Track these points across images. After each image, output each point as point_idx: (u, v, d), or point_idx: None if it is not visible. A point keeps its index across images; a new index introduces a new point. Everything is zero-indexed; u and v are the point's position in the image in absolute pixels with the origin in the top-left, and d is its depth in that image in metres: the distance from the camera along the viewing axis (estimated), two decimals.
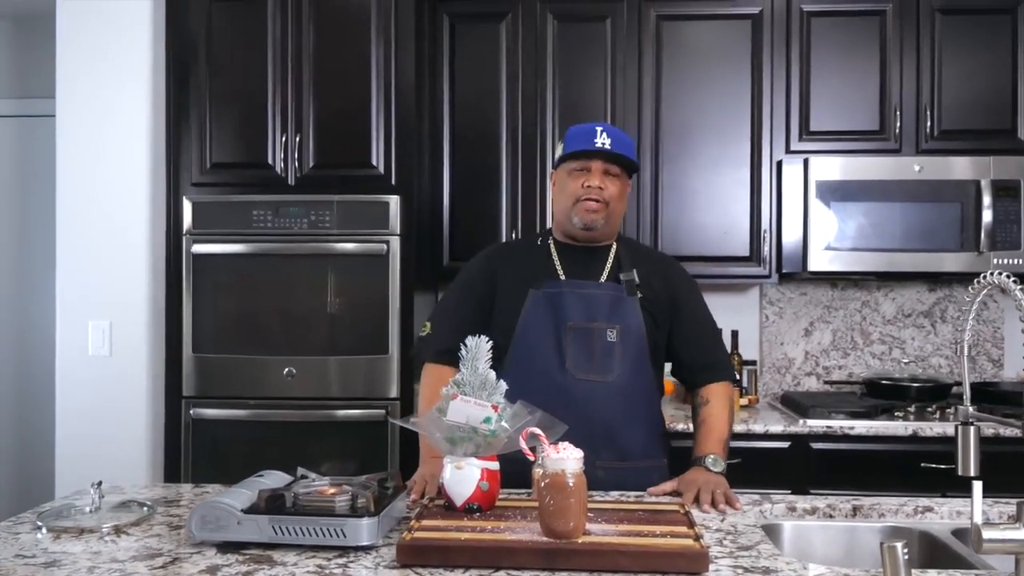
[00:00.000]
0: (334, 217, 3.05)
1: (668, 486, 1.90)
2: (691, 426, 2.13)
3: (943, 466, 2.85)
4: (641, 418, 2.05)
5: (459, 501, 1.58)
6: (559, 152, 2.12)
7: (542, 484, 1.43)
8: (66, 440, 3.08)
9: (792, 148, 3.27)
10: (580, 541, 1.41)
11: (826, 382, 3.54)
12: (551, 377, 1.97)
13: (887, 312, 3.57)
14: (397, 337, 3.03)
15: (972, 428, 1.55)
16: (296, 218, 3.06)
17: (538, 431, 1.52)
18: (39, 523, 1.61)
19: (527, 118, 3.33)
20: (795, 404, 3.17)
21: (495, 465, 1.61)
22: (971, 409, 1.55)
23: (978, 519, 1.34)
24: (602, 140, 2.01)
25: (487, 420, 1.56)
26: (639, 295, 2.05)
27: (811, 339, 3.59)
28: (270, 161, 3.10)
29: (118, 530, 1.59)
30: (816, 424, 2.93)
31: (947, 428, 2.89)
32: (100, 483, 1.70)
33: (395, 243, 3.04)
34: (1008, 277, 1.40)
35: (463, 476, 1.58)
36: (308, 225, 3.06)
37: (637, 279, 2.06)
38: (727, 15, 3.30)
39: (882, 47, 3.25)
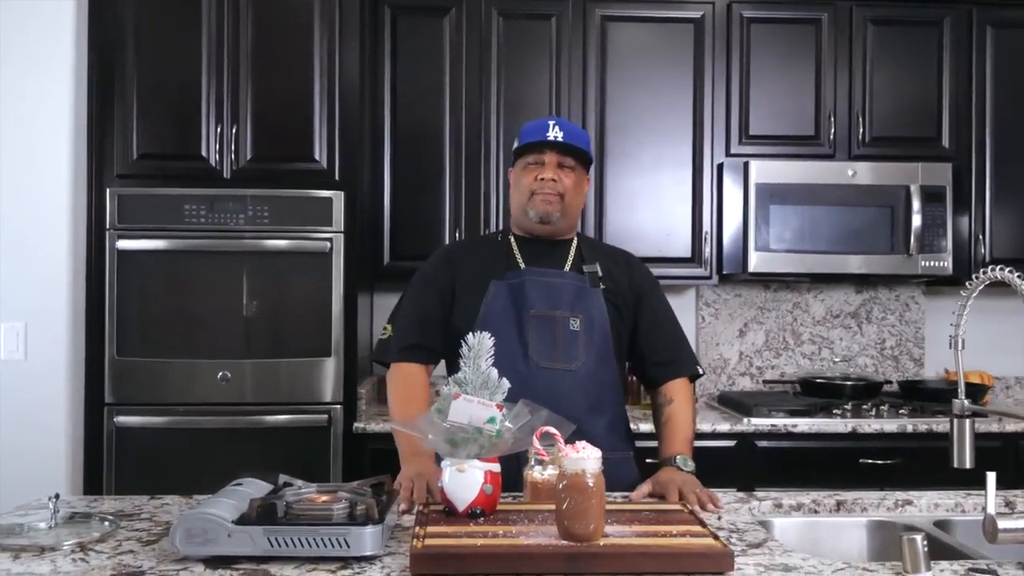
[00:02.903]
0: (273, 212, 2.91)
1: (646, 488, 1.87)
2: (642, 426, 2.11)
3: (880, 462, 2.94)
4: (606, 409, 2.01)
5: (461, 506, 1.50)
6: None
7: (560, 485, 1.37)
8: None
9: (732, 151, 3.32)
10: (601, 543, 1.36)
11: (764, 381, 3.60)
12: (514, 367, 1.90)
13: (817, 313, 3.67)
14: (340, 339, 2.91)
15: (968, 421, 1.58)
16: (232, 213, 2.90)
17: (553, 430, 1.46)
18: None
19: (471, 115, 3.26)
20: (735, 403, 3.21)
21: (497, 467, 1.53)
22: (966, 403, 1.58)
23: (991, 510, 1.36)
24: (554, 133, 2.00)
25: (491, 420, 1.49)
26: (602, 287, 2.03)
27: (745, 340, 3.65)
28: (204, 153, 2.93)
29: (83, 547, 1.45)
30: (761, 423, 2.98)
31: (884, 425, 2.98)
32: (57, 496, 1.55)
33: (339, 240, 2.92)
34: (1012, 272, 1.42)
35: (465, 479, 1.49)
36: (245, 220, 2.90)
37: (600, 271, 2.05)
38: (670, 18, 3.33)
39: (817, 55, 3.34)
